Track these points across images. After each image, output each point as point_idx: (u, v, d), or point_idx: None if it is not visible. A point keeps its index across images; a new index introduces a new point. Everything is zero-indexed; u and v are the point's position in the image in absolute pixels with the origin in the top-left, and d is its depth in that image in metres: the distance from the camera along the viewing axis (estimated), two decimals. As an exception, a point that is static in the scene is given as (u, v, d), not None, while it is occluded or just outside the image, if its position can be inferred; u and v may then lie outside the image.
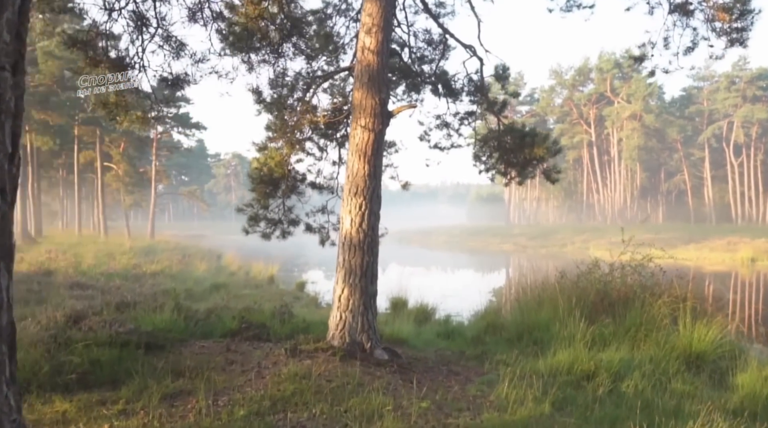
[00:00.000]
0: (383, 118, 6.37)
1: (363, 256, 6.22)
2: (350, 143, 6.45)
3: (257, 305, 9.71)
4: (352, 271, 6.23)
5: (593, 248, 48.45)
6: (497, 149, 8.32)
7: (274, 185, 7.59)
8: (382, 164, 6.62)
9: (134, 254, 23.23)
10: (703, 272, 26.30)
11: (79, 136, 35.45)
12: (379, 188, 6.41)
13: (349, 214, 6.29)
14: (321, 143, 8.12)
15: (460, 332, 9.55)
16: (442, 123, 8.82)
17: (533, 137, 7.39)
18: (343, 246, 6.32)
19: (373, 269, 6.32)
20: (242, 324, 7.57)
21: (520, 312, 9.88)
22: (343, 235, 6.32)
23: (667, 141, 73.38)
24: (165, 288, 14.00)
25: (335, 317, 6.29)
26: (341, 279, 6.29)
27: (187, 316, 7.82)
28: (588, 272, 10.29)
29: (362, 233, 6.23)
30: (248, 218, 7.59)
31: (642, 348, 7.78)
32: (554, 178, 7.92)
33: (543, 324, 9.04)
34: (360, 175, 6.30)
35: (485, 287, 24.87)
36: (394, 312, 12.45)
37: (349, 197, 6.32)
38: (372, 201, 6.29)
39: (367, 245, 6.24)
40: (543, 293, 10.76)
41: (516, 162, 8.32)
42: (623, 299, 9.44)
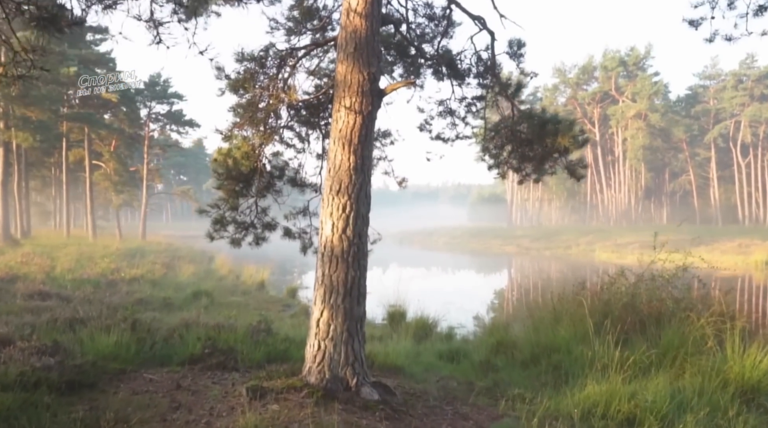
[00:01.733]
0: (373, 97, 5.10)
1: (347, 270, 4.95)
2: (332, 129, 5.18)
3: (232, 320, 8.45)
4: (333, 289, 4.96)
5: (599, 250, 47.17)
6: (510, 140, 7.05)
7: (245, 181, 6.32)
8: (372, 155, 5.35)
9: (117, 256, 21.97)
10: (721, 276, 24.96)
11: (68, 133, 34.19)
12: (367, 184, 5.14)
13: (330, 217, 5.03)
14: (302, 133, 6.85)
15: (465, 352, 8.28)
16: (445, 110, 7.54)
17: (556, 124, 6.11)
18: (322, 258, 5.05)
19: (360, 287, 5.05)
20: (205, 349, 6.30)
21: (535, 329, 8.61)
22: (323, 244, 5.05)
23: (673, 141, 72.04)
24: (140, 297, 12.76)
25: (312, 346, 5.02)
26: (320, 299, 5.02)
27: (141, 338, 6.54)
28: (611, 283, 9.03)
29: (346, 241, 4.97)
30: (212, 221, 6.34)
31: (685, 378, 6.48)
32: (580, 174, 6.64)
33: (562, 345, 7.78)
34: (344, 168, 5.04)
35: (490, 293, 23.56)
36: (391, 326, 11.19)
37: (331, 195, 5.05)
38: (359, 201, 5.02)
39: (353, 256, 4.97)
40: (559, 306, 9.49)
41: (532, 156, 7.05)
42: (655, 315, 8.17)
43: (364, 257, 5.10)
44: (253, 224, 6.59)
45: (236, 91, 5.91)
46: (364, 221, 5.09)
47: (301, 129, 6.90)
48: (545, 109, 6.47)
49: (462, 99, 7.40)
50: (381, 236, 6.79)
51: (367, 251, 5.18)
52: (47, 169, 45.94)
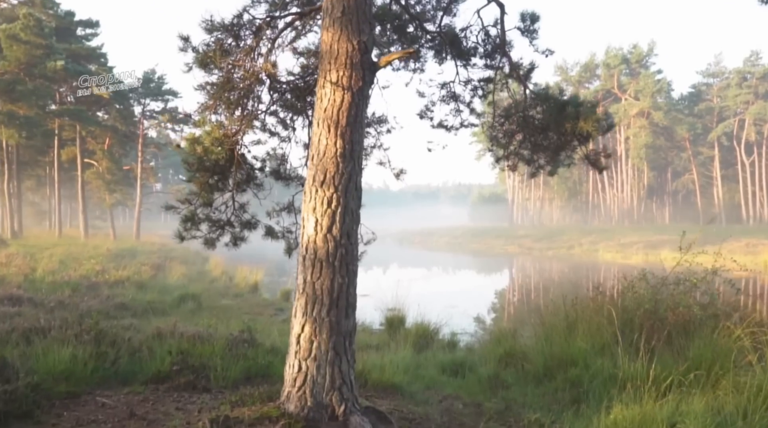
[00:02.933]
0: (364, 71, 4.29)
1: (333, 276, 4.14)
2: (316, 109, 4.37)
3: (212, 329, 7.64)
4: (316, 299, 4.15)
5: (603, 250, 46.34)
6: (522, 127, 6.23)
7: (220, 173, 5.51)
8: (364, 141, 4.53)
9: (106, 257, 21.15)
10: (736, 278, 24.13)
11: (60, 131, 33.32)
12: (358, 174, 4.33)
13: (312, 213, 4.21)
14: (287, 119, 6.04)
15: (471, 364, 7.47)
16: (448, 94, 6.72)
17: (577, 107, 5.31)
18: (304, 261, 4.24)
19: (349, 296, 4.24)
20: (173, 366, 5.49)
21: (546, 339, 7.78)
22: (305, 245, 4.24)
23: (676, 139, 71.20)
24: (121, 301, 11.96)
25: (292, 367, 4.21)
26: (300, 311, 4.21)
27: (102, 353, 5.72)
28: (630, 286, 8.21)
29: (332, 241, 4.15)
30: (182, 218, 5.52)
31: (722, 397, 5.66)
32: (602, 164, 5.83)
33: (579, 357, 6.96)
34: (329, 155, 4.22)
35: (493, 296, 22.73)
36: (389, 333, 10.38)
37: (314, 187, 4.24)
38: (347, 194, 4.21)
39: (340, 259, 4.16)
40: (572, 312, 8.67)
41: (547, 145, 6.23)
42: (681, 324, 7.36)
43: (354, 260, 4.29)
44: (230, 222, 5.78)
45: (205, 66, 5.10)
46: (353, 218, 4.28)
47: (285, 115, 6.09)
48: (563, 90, 5.67)
49: (467, 82, 6.58)
50: (376, 236, 5.98)
51: (357, 254, 4.37)
52: (41, 168, 45.10)
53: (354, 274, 4.30)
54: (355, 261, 4.32)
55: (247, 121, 5.59)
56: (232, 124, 5.18)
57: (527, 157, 6.64)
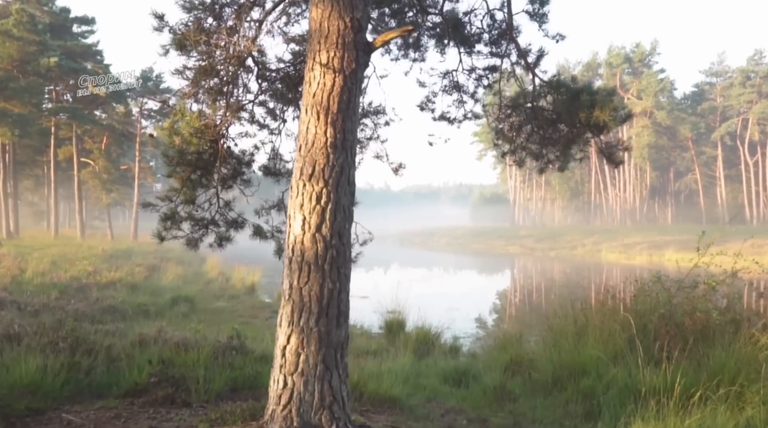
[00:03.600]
0: (358, 51, 3.85)
1: (323, 281, 3.69)
2: (304, 94, 3.92)
3: (199, 335, 7.19)
4: (304, 306, 3.70)
5: (606, 250, 45.84)
6: (530, 119, 5.77)
7: (204, 168, 5.07)
8: (357, 131, 4.08)
9: (100, 258, 20.71)
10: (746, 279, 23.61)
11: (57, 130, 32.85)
12: (351, 167, 3.88)
13: (300, 211, 3.77)
14: (276, 110, 5.59)
15: (475, 373, 7.01)
16: (451, 84, 6.27)
17: (592, 95, 4.86)
18: (290, 264, 3.79)
19: (341, 303, 3.79)
20: (151, 378, 5.04)
21: (555, 345, 7.32)
22: (291, 246, 3.80)
23: (678, 139, 70.69)
24: (110, 304, 11.51)
25: (277, 382, 3.76)
26: (286, 320, 3.76)
27: (74, 363, 5.28)
28: (643, 290, 7.74)
29: (321, 242, 3.71)
30: (161, 217, 5.08)
31: (749, 411, 5.21)
32: (618, 158, 5.37)
33: (591, 365, 6.50)
34: (319, 145, 3.78)
35: (496, 298, 22.26)
36: (388, 339, 9.92)
37: (301, 182, 3.79)
38: (339, 189, 3.76)
39: (330, 262, 3.71)
40: (581, 316, 8.22)
41: (557, 138, 5.77)
42: (700, 330, 6.90)
43: (346, 263, 3.84)
44: (215, 220, 5.33)
45: (182, 47, 4.65)
46: (345, 216, 3.83)
47: (275, 105, 5.64)
48: (575, 77, 5.21)
49: (471, 70, 6.13)
50: (372, 236, 5.53)
51: (350, 256, 3.92)
52: (39, 168, 44.70)
53: (346, 278, 3.85)
54: (348, 264, 3.87)
55: (232, 111, 5.14)
56: (214, 113, 4.73)
57: (535, 151, 6.19)
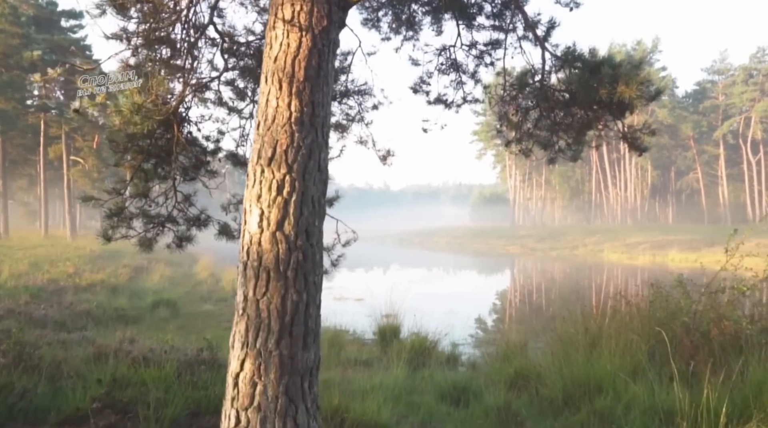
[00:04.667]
0: (331, 5, 3.09)
1: (285, 291, 2.94)
2: (264, 59, 3.16)
3: (168, 346, 6.43)
4: (261, 324, 2.95)
5: (608, 250, 45.06)
6: (540, 101, 5.01)
7: (158, 156, 4.31)
8: (330, 103, 3.31)
9: (85, 259, 19.95)
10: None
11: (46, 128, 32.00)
12: (322, 149, 3.12)
13: (257, 203, 3.01)
14: (247, 90, 4.84)
15: (475, 389, 6.25)
16: (448, 62, 5.51)
17: (614, 68, 4.10)
18: (245, 271, 3.04)
19: (309, 320, 3.03)
20: (93, 403, 4.28)
21: (566, 357, 6.56)
22: (246, 247, 3.04)
23: (680, 138, 69.96)
24: (85, 308, 10.75)
25: (229, 418, 3.00)
26: (239, 341, 3.01)
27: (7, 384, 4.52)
28: (662, 294, 6.99)
29: (284, 242, 2.95)
30: (107, 213, 4.32)
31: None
32: (643, 145, 4.61)
33: (607, 380, 5.75)
34: (281, 121, 3.02)
35: (497, 300, 21.48)
36: (381, 347, 9.16)
37: (258, 167, 3.04)
38: (305, 176, 3.00)
39: (295, 267, 2.95)
40: (593, 323, 7.48)
41: (570, 122, 5.02)
42: (729, 341, 6.15)
43: (317, 269, 3.08)
44: (173, 217, 4.56)
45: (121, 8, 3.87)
46: (315, 211, 3.07)
47: (245, 84, 4.87)
48: (594, 50, 4.46)
49: (471, 46, 5.37)
50: (357, 236, 4.78)
51: (321, 260, 3.16)
52: (32, 167, 43.88)
53: (316, 288, 3.09)
54: (319, 270, 3.11)
55: (192, 89, 4.37)
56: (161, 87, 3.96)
57: (545, 139, 5.42)
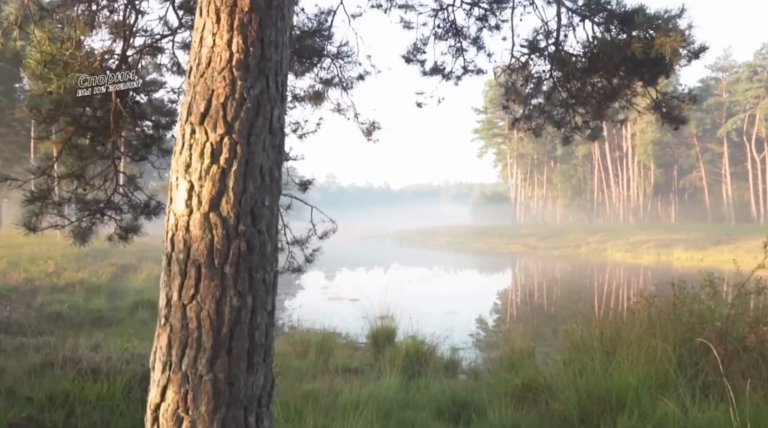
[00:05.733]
0: None
1: (223, 294, 2.16)
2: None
3: (129, 355, 5.66)
4: (189, 338, 2.17)
5: (611, 249, 44.29)
6: (555, 67, 4.23)
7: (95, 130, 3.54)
8: (288, 44, 2.52)
9: (71, 257, 19.15)
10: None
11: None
12: (276, 105, 2.35)
13: (185, 175, 2.24)
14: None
15: (478, 403, 5.47)
16: (446, 25, 4.74)
17: (647, 18, 3.32)
18: (168, 267, 2.25)
19: (255, 330, 2.25)
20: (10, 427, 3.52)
21: (580, 366, 5.78)
22: (171, 235, 2.27)
23: (683, 135, 69.08)
24: (56, 310, 9.97)
25: (148, 464, 2.21)
26: (160, 360, 2.24)
27: None
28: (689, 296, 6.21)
29: (221, 227, 2.18)
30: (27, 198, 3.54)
31: None
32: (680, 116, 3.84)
33: (628, 394, 4.98)
34: (218, 65, 2.25)
35: (499, 300, 20.69)
36: (375, 353, 8.38)
37: (188, 126, 2.26)
38: (252, 138, 2.23)
39: (236, 262, 2.18)
40: (609, 328, 6.70)
41: (589, 94, 4.24)
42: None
43: (266, 264, 2.30)
44: (115, 204, 3.79)
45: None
46: (265, 185, 2.30)
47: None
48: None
49: (473, 4, 4.58)
50: (336, 226, 4.01)
51: (274, 253, 2.38)
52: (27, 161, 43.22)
53: (267, 289, 2.32)
54: (271, 265, 2.33)
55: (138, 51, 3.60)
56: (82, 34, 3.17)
57: (558, 115, 4.64)
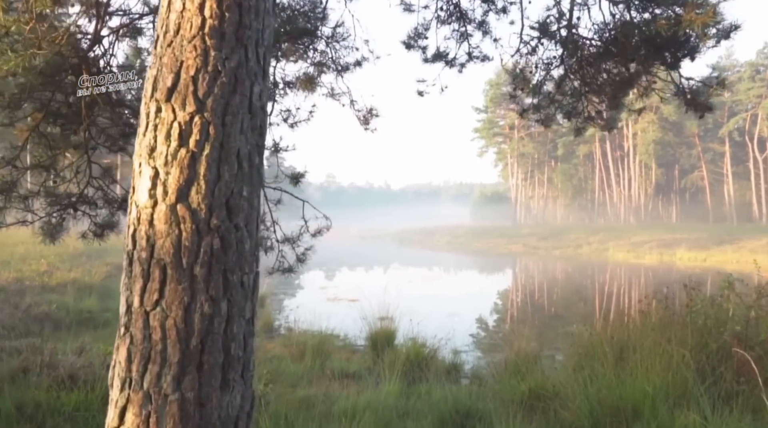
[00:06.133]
0: None
1: (192, 299, 1.84)
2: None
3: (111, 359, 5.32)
4: (152, 350, 1.84)
5: (613, 249, 43.96)
6: (567, 54, 3.91)
7: (66, 116, 3.21)
8: (273, 13, 2.20)
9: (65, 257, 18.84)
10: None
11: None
12: (256, 80, 2.02)
13: (149, 160, 1.91)
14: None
15: (483, 412, 5.15)
16: (449, 8, 4.41)
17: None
18: (130, 267, 1.93)
19: (231, 342, 1.92)
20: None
21: (591, 372, 5.46)
22: (132, 230, 1.94)
23: (685, 135, 68.78)
24: (44, 311, 9.66)
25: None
26: (119, 377, 1.91)
27: None
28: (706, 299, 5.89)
29: (190, 221, 1.85)
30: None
31: None
32: (706, 104, 3.51)
33: (645, 405, 4.66)
34: (189, 31, 1.93)
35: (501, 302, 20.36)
36: (373, 357, 8.06)
37: (153, 104, 1.94)
38: (227, 118, 1.90)
39: (207, 262, 1.85)
40: (620, 332, 6.38)
41: (604, 81, 3.92)
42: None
43: (244, 265, 1.99)
44: (88, 198, 3.47)
45: None
46: (243, 175, 1.98)
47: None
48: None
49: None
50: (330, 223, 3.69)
51: (255, 251, 2.07)
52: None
53: (246, 293, 2.00)
54: (250, 266, 2.02)
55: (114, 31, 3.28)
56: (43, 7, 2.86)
57: (570, 104, 4.33)
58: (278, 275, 4.80)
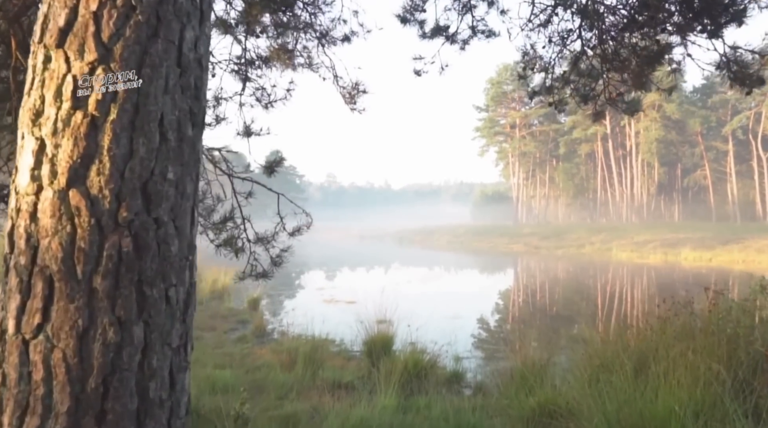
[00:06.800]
0: None
1: (91, 322, 1.28)
2: None
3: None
4: (31, 393, 1.30)
5: (616, 249, 43.39)
6: (585, 24, 3.38)
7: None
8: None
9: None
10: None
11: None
12: (189, 22, 1.46)
13: (32, 128, 1.35)
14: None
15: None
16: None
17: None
18: (6, 274, 1.38)
19: (149, 380, 1.37)
20: None
21: (609, 386, 4.92)
22: (11, 226, 1.39)
23: (687, 134, 68.21)
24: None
25: None
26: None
27: None
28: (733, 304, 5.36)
29: (88, 214, 1.30)
30: None
31: None
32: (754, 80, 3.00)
33: (671, 422, 4.14)
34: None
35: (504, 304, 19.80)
36: (369, 366, 7.52)
37: (41, 53, 1.38)
38: (144, 69, 1.34)
39: (114, 271, 1.30)
40: (637, 339, 5.85)
41: (628, 56, 3.40)
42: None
43: (172, 273, 1.44)
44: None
45: None
46: (169, 149, 1.44)
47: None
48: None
49: (484, -53, 3.72)
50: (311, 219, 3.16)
51: (189, 253, 1.52)
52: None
53: (172, 312, 1.46)
54: (180, 275, 1.48)
55: None
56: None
57: (586, 87, 3.80)
58: (244, 281, 4.30)
